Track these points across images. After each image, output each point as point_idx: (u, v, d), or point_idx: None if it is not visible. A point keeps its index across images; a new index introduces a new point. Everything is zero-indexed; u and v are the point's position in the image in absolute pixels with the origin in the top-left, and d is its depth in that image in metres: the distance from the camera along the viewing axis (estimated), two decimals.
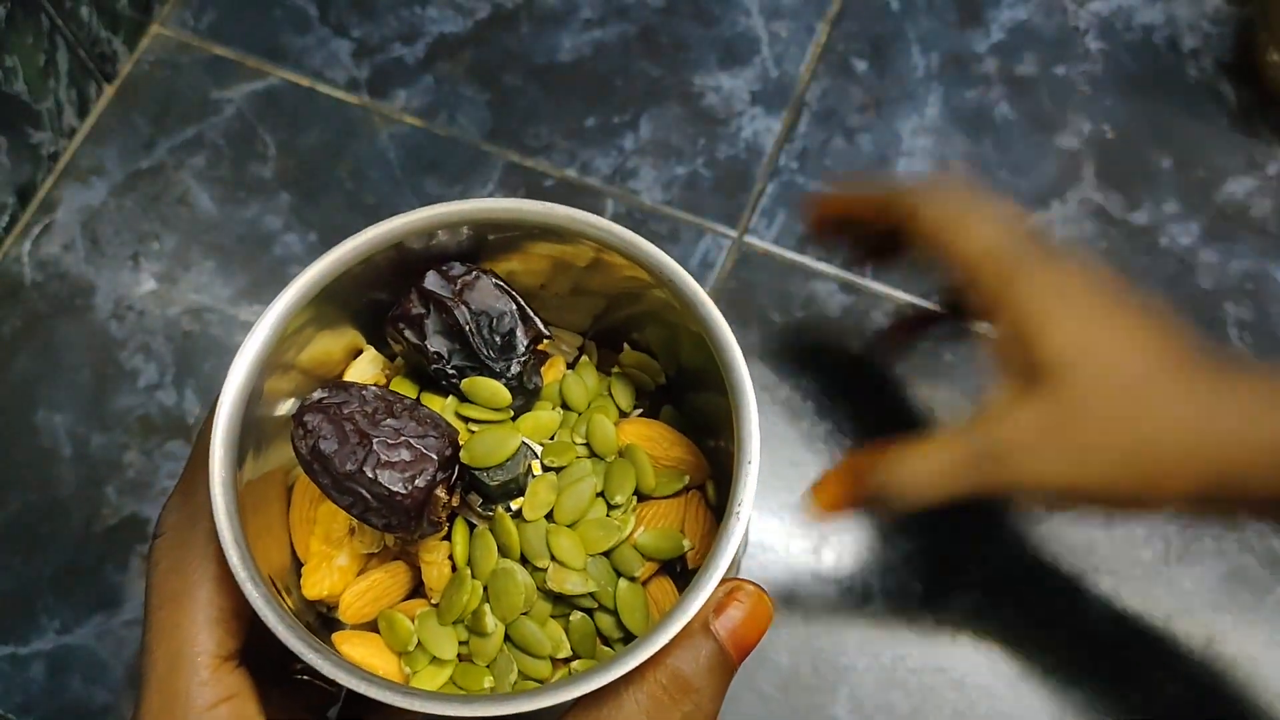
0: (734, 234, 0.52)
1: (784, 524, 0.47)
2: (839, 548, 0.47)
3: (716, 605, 0.25)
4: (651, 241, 0.27)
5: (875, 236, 0.42)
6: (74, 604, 0.46)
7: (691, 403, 0.30)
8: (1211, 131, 0.54)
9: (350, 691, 0.31)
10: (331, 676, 0.24)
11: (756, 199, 0.53)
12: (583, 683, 0.23)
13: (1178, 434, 0.34)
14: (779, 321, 0.51)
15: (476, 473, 0.27)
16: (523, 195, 0.53)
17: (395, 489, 0.25)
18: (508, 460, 0.27)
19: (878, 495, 0.37)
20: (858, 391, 0.50)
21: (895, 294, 0.51)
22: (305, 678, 0.30)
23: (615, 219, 0.53)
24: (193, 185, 0.53)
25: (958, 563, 0.47)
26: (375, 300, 0.29)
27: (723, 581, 0.25)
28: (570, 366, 0.31)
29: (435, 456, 0.26)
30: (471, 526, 0.28)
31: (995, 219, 0.37)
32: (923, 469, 0.37)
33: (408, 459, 0.25)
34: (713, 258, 0.51)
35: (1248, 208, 0.53)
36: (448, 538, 0.28)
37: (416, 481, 0.25)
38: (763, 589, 0.26)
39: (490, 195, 0.53)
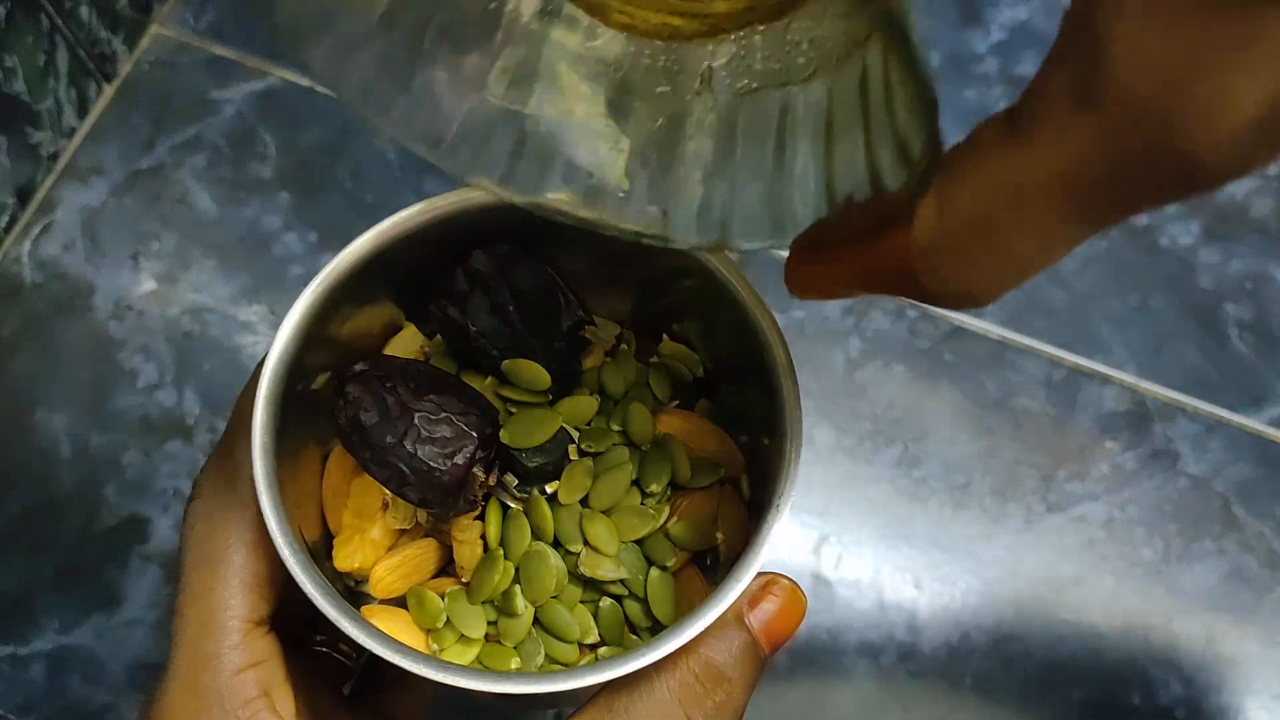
0: None
1: (783, 523, 0.47)
2: (839, 547, 0.47)
3: (751, 598, 0.25)
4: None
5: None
6: (74, 604, 0.46)
7: (728, 397, 0.30)
8: None
9: (366, 666, 0.30)
10: (367, 646, 0.23)
11: None
12: (618, 665, 0.23)
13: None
14: (780, 321, 0.50)
15: (515, 453, 0.27)
16: None
17: (434, 465, 0.25)
18: (548, 443, 0.27)
19: (905, 268, 0.20)
20: (855, 394, 0.50)
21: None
22: (324, 650, 0.30)
23: None
24: (193, 185, 0.53)
25: (958, 562, 0.47)
26: (417, 277, 0.28)
27: (758, 575, 0.25)
28: (609, 355, 0.31)
29: (476, 435, 0.25)
30: (505, 507, 0.28)
31: None
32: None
33: (448, 435, 0.25)
34: None
35: (1248, 208, 0.53)
36: (481, 517, 0.28)
37: (456, 459, 0.25)
38: (797, 584, 0.26)
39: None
